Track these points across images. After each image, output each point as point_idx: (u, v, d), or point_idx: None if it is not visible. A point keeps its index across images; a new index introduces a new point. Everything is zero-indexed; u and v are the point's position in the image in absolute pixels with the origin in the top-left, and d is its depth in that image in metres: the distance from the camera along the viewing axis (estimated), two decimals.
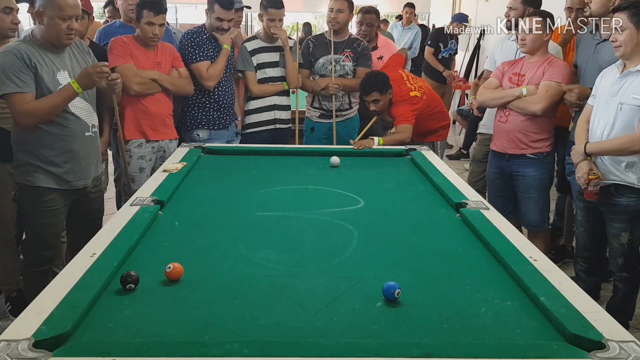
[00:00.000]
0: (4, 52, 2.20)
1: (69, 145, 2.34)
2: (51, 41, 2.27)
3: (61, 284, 1.36)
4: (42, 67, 2.22)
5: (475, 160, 3.59)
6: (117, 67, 2.86)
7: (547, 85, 2.81)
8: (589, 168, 2.44)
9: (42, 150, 2.30)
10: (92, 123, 2.44)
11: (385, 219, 2.01)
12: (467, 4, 9.50)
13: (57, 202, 2.37)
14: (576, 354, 1.13)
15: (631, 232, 2.46)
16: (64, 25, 2.22)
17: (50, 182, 2.33)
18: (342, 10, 3.45)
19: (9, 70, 2.16)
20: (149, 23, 2.88)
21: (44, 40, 2.27)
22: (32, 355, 1.06)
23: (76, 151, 2.36)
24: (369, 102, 3.23)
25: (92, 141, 2.45)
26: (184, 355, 1.10)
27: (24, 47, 2.22)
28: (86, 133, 2.40)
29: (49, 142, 2.30)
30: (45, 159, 2.31)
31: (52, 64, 2.27)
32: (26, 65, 2.18)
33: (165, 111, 3.09)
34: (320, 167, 2.68)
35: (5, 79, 2.16)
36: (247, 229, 1.89)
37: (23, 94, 2.18)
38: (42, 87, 2.22)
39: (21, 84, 2.17)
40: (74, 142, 2.35)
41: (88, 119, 2.40)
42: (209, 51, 3.23)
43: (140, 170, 3.04)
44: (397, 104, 3.24)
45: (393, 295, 1.35)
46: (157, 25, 2.89)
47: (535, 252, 1.63)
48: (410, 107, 3.22)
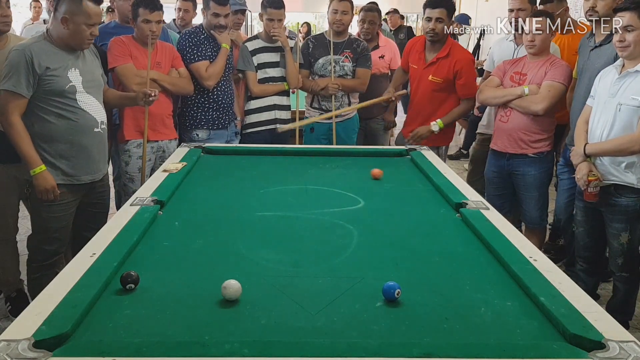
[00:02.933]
0: (18, 50, 2.27)
1: (79, 140, 2.39)
2: (72, 45, 2.36)
3: (61, 284, 1.36)
4: (53, 67, 2.29)
5: (475, 160, 3.60)
6: (117, 68, 2.86)
7: (550, 85, 2.81)
8: (589, 169, 2.44)
9: (52, 144, 2.35)
10: (101, 120, 2.48)
11: (385, 219, 2.01)
12: (467, 4, 9.51)
13: (66, 196, 2.41)
14: (576, 354, 1.13)
15: (631, 232, 2.46)
16: (88, 32, 2.33)
17: (59, 176, 2.37)
18: (347, 12, 3.43)
19: (15, 67, 2.24)
20: (145, 21, 2.89)
21: (60, 41, 2.34)
22: (32, 355, 1.06)
23: (85, 146, 2.42)
24: (430, 19, 3.17)
25: (100, 137, 2.50)
26: (184, 355, 1.10)
27: (37, 48, 2.28)
28: (95, 129, 2.44)
29: (58, 137, 2.35)
30: (55, 154, 2.36)
31: (64, 62, 2.34)
32: (31, 69, 2.24)
33: (165, 111, 3.09)
34: (320, 167, 2.68)
35: (12, 74, 2.24)
36: (247, 229, 1.89)
37: (15, 94, 2.25)
38: (53, 85, 2.29)
39: (17, 83, 2.24)
40: (83, 137, 2.41)
41: (97, 115, 2.45)
42: (208, 51, 3.23)
43: (139, 170, 3.04)
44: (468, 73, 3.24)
45: (393, 295, 1.35)
46: (153, 22, 2.90)
47: (535, 252, 1.62)
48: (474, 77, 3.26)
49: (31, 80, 2.25)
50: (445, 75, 3.20)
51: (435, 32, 3.16)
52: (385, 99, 3.54)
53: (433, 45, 3.23)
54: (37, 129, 2.33)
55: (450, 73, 3.19)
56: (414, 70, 3.36)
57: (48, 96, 2.30)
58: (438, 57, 3.21)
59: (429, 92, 3.27)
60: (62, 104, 2.33)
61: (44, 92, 2.29)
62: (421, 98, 3.32)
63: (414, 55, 3.37)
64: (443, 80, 3.21)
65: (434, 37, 3.18)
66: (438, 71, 3.21)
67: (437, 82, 3.22)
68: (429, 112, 3.28)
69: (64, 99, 2.33)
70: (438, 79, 3.21)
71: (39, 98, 2.30)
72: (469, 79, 3.23)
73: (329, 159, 2.82)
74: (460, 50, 3.32)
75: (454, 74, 3.19)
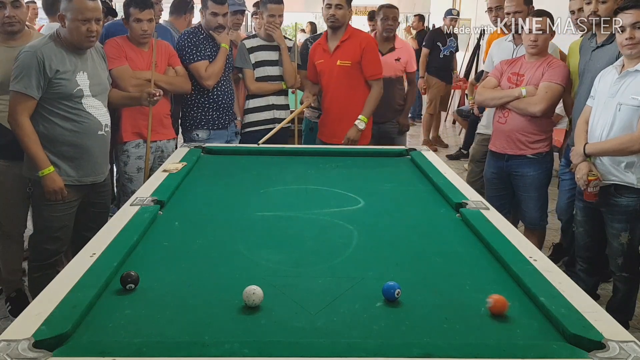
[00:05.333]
0: (29, 51, 2.27)
1: (82, 142, 2.40)
2: (74, 43, 2.34)
3: (61, 284, 1.36)
4: (63, 69, 2.30)
5: (474, 160, 3.59)
6: (112, 70, 2.85)
7: (547, 87, 2.81)
8: (589, 169, 2.45)
9: (56, 146, 2.36)
10: (105, 122, 2.50)
11: (385, 219, 2.01)
12: (467, 4, 9.51)
13: (68, 196, 2.42)
14: (576, 354, 1.13)
15: (631, 232, 2.46)
16: (83, 28, 2.29)
17: (62, 176, 2.38)
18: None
19: (26, 69, 2.24)
20: (136, 20, 2.88)
21: (66, 42, 2.34)
22: (32, 355, 1.06)
23: (88, 149, 2.43)
24: (330, 6, 3.17)
25: (104, 140, 2.52)
26: (184, 355, 1.10)
27: (47, 50, 2.29)
28: (99, 132, 2.46)
29: (62, 139, 2.36)
30: (59, 155, 2.37)
31: (73, 65, 2.35)
32: (42, 71, 2.25)
33: (163, 111, 3.08)
34: (320, 167, 2.68)
35: (23, 76, 2.24)
36: (247, 229, 1.89)
37: (25, 96, 2.26)
38: (62, 88, 2.30)
39: (28, 85, 2.24)
40: (87, 140, 2.42)
41: (102, 118, 2.47)
42: (207, 50, 3.23)
43: (138, 171, 3.04)
44: (373, 52, 3.27)
45: (393, 295, 1.35)
46: (145, 21, 2.88)
47: (535, 252, 1.62)
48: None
49: (42, 82, 2.26)
50: (352, 57, 3.22)
51: (335, 17, 3.19)
52: (306, 106, 3.53)
53: (334, 32, 3.25)
54: (42, 129, 2.33)
55: (357, 54, 3.21)
56: (322, 65, 3.32)
57: (55, 99, 2.31)
58: (342, 41, 3.23)
59: (340, 79, 3.25)
60: (68, 107, 2.34)
61: (51, 95, 2.30)
62: (335, 89, 3.29)
63: (318, 54, 3.35)
64: (351, 63, 3.22)
65: (335, 22, 3.20)
66: (345, 54, 3.22)
67: (347, 65, 3.22)
68: (344, 99, 3.26)
69: (70, 102, 2.34)
70: (347, 62, 3.22)
71: (46, 100, 2.30)
72: (373, 56, 3.27)
73: (329, 159, 2.82)
74: (361, 32, 3.38)
75: (361, 54, 3.22)
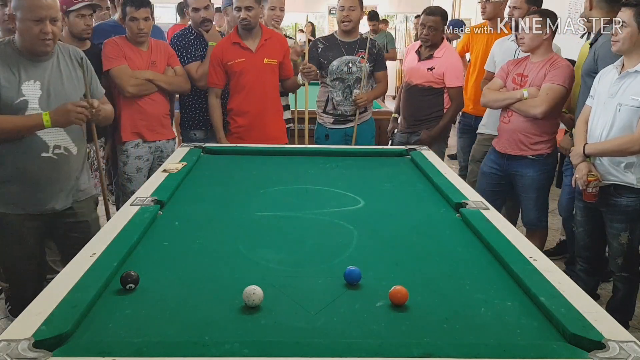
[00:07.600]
0: None
1: (21, 164, 2.09)
2: (26, 47, 2.03)
3: (61, 284, 1.36)
4: (4, 76, 2.00)
5: (474, 160, 3.59)
6: (111, 70, 2.85)
7: (548, 88, 2.81)
8: (588, 169, 2.45)
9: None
10: (56, 144, 2.12)
11: (385, 219, 2.01)
12: (467, 4, 9.50)
13: (15, 227, 2.13)
14: (576, 354, 1.13)
15: (631, 232, 2.46)
16: (36, 29, 1.97)
17: (3, 204, 2.11)
18: (354, 7, 3.26)
19: None
20: (132, 19, 2.87)
21: (20, 47, 2.05)
22: (32, 355, 1.06)
23: (29, 172, 2.10)
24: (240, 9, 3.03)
25: (53, 164, 2.13)
26: (184, 355, 1.09)
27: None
28: (43, 154, 2.10)
29: (1, 159, 2.08)
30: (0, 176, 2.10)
31: (21, 72, 2.03)
32: None
33: (162, 111, 3.09)
34: (320, 167, 2.68)
35: None
36: (247, 229, 1.89)
37: None
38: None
39: None
40: (27, 161, 2.08)
41: (49, 138, 2.10)
42: (198, 51, 3.24)
43: (137, 171, 3.05)
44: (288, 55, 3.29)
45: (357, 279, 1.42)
46: (141, 19, 2.88)
47: (535, 252, 1.62)
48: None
49: None
50: (277, 56, 3.19)
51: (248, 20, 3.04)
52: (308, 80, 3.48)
53: (250, 33, 3.12)
54: None
55: (279, 54, 3.20)
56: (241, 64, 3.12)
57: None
58: (265, 40, 3.15)
59: (267, 77, 3.18)
60: None
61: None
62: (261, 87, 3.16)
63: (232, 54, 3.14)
64: (277, 62, 3.20)
65: (248, 24, 3.06)
66: (269, 53, 3.16)
67: (273, 63, 3.18)
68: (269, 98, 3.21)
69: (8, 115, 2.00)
70: (273, 60, 3.18)
71: None
72: (287, 59, 3.27)
73: (329, 159, 2.82)
74: (275, 32, 3.36)
75: (283, 55, 3.22)
